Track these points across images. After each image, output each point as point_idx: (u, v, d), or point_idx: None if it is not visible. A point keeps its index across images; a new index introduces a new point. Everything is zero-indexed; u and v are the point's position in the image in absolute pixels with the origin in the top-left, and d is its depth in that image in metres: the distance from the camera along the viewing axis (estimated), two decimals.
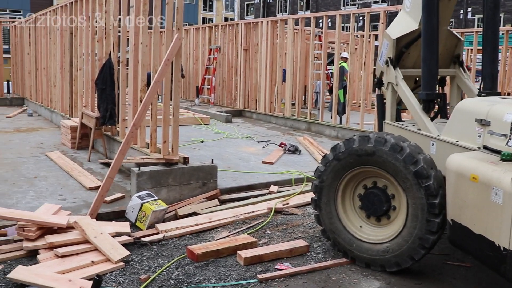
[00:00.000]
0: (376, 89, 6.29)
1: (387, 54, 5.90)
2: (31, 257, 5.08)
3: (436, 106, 5.72)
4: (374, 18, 22.33)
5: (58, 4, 13.24)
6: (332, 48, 18.82)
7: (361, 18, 34.53)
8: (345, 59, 14.38)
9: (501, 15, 29.36)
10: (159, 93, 10.62)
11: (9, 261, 5.00)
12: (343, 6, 43.55)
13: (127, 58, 8.77)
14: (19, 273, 4.51)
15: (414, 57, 5.94)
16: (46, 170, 8.48)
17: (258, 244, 5.51)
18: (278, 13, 50.91)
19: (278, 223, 6.30)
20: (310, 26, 14.27)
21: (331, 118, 13.76)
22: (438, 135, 4.99)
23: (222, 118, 15.27)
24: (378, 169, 4.74)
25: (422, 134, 5.25)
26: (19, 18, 20.67)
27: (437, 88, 5.64)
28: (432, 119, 5.62)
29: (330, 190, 5.08)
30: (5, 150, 10.06)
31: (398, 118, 6.11)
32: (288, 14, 46.86)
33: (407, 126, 5.65)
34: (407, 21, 5.89)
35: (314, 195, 5.24)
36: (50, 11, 14.39)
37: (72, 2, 11.92)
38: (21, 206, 6.39)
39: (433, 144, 5.05)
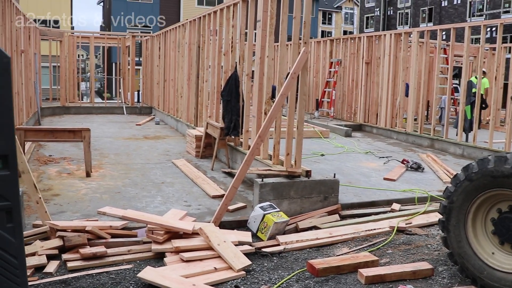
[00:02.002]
0: None
1: None
2: (157, 259, 5.33)
3: None
4: (504, 29, 20.98)
5: (187, 19, 13.92)
6: (456, 62, 17.98)
7: (488, 29, 32.67)
8: (483, 74, 13.63)
9: None
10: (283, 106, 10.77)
11: (138, 261, 5.28)
12: (469, 17, 41.45)
13: (253, 71, 8.98)
14: (148, 273, 4.74)
15: None
16: (172, 177, 8.89)
17: (380, 263, 5.35)
18: (398, 25, 49.65)
19: (401, 243, 6.09)
20: (435, 39, 13.73)
21: (457, 135, 13.10)
22: None
23: (342, 132, 15.13)
24: None
25: None
26: (150, 33, 22.01)
27: None
28: None
29: (460, 212, 4.81)
30: (135, 156, 10.71)
31: None
32: (410, 27, 45.55)
33: None
34: None
35: (442, 216, 4.99)
36: (179, 25, 15.17)
37: (200, 17, 12.47)
38: (149, 210, 6.72)
39: None
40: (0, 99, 3.15)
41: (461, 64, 14.44)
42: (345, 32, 65.13)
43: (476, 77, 13.43)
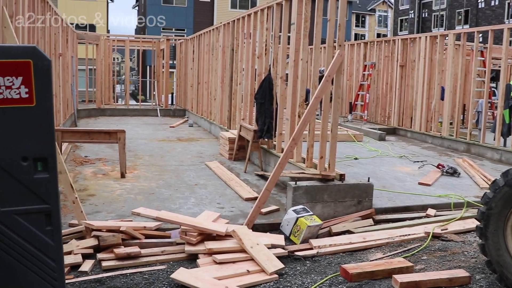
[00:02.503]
0: None
1: None
2: (190, 260, 5.35)
3: None
4: None
5: (221, 23, 14.00)
6: (494, 64, 17.61)
7: None
8: None
9: None
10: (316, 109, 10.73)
11: (171, 262, 5.31)
12: (507, 18, 40.54)
13: (287, 74, 8.97)
14: (181, 274, 4.77)
15: None
16: (205, 179, 8.94)
17: (414, 270, 5.26)
18: (433, 28, 48.93)
19: (436, 249, 5.98)
20: (472, 41, 13.47)
21: (494, 139, 12.81)
22: None
23: (376, 136, 14.97)
24: None
25: None
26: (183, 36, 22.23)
27: None
28: None
29: (499, 218, 4.69)
30: (169, 157, 10.82)
31: None
32: (445, 29, 44.84)
33: None
34: None
35: (480, 223, 4.88)
36: (213, 29, 15.27)
37: (234, 21, 12.53)
38: (183, 211, 6.77)
39: None
40: (41, 103, 3.20)
41: (499, 66, 14.09)
42: (378, 35, 64.55)
43: None
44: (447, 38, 14.76)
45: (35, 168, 3.21)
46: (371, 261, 5.51)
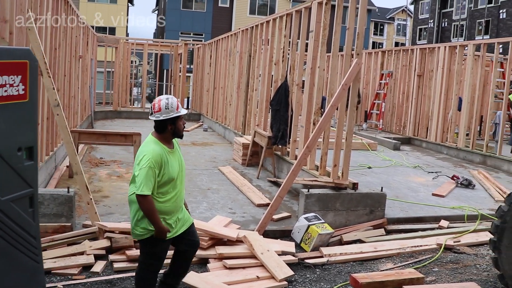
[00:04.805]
0: None
1: None
2: (201, 264, 5.38)
3: None
4: None
5: (239, 28, 14.06)
6: None
7: None
8: None
9: None
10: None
11: None
12: None
13: (303, 81, 8.98)
14: (192, 278, 4.79)
15: None
16: (218, 183, 8.97)
17: (425, 281, 5.24)
18: (453, 38, 48.55)
19: (448, 261, 5.94)
20: (492, 52, 13.36)
21: (511, 152, 12.68)
22: None
23: (390, 145, 14.90)
24: None
25: None
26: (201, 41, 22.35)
27: None
28: None
29: None
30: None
31: None
32: (464, 39, 44.49)
33: None
34: None
35: (493, 236, 4.85)
36: (231, 34, 15.34)
37: (252, 27, 12.58)
38: (195, 215, 6.78)
39: None
40: (32, 98, 3.60)
41: None
42: (396, 44, 64.21)
43: None
44: (466, 48, 14.66)
45: (25, 156, 3.57)
46: (381, 271, 5.49)
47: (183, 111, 4.15)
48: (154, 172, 3.90)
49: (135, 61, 46.46)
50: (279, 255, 5.49)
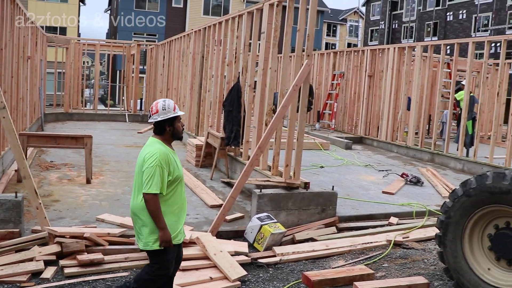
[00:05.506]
0: None
1: None
2: None
3: None
4: (508, 45, 20.98)
5: (192, 29, 14.01)
6: (460, 76, 18.04)
7: (493, 44, 32.63)
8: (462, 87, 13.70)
9: None
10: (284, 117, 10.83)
11: (134, 269, 5.31)
12: (474, 32, 41.50)
13: (255, 82, 9.03)
14: None
15: None
16: None
17: (375, 277, 5.38)
18: (403, 39, 49.76)
19: (397, 257, 6.11)
20: (439, 53, 13.78)
21: (457, 150, 13.11)
22: None
23: (342, 145, 15.15)
24: None
25: None
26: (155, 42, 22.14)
27: None
28: None
29: (457, 227, 4.84)
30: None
31: None
32: (414, 41, 45.67)
33: None
34: None
35: (439, 231, 5.03)
36: (184, 35, 15.26)
37: (205, 28, 12.56)
38: None
39: None
40: None
41: (464, 79, 14.43)
42: (349, 45, 65.26)
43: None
44: (415, 49, 15.06)
45: None
46: (333, 268, 5.60)
47: (180, 112, 4.14)
48: (162, 171, 3.89)
49: (87, 62, 45.60)
50: (232, 255, 5.52)
